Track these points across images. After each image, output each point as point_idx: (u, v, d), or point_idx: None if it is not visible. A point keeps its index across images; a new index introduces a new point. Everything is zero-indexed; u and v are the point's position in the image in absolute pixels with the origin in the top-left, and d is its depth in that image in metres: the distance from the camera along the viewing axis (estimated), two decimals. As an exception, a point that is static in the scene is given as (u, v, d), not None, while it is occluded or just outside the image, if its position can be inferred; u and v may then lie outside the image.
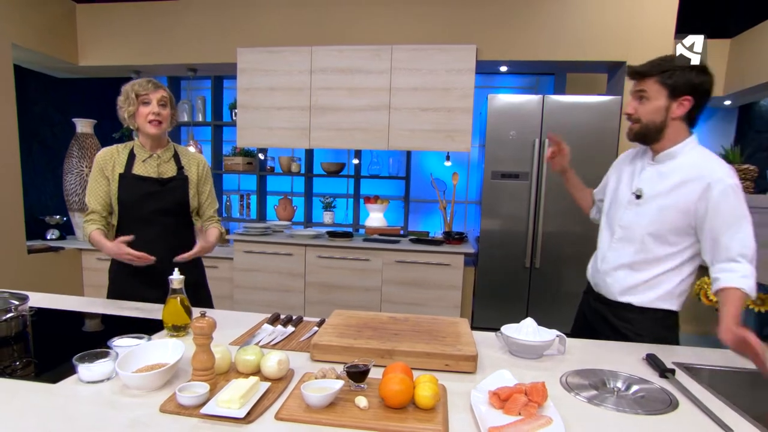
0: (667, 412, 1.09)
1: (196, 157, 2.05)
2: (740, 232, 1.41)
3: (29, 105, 4.13)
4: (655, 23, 3.37)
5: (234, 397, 0.98)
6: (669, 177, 1.52)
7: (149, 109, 1.84)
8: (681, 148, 1.52)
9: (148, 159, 1.92)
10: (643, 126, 1.53)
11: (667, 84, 1.48)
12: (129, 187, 1.89)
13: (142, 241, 1.88)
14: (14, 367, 1.26)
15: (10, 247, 3.53)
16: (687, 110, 1.49)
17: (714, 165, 1.46)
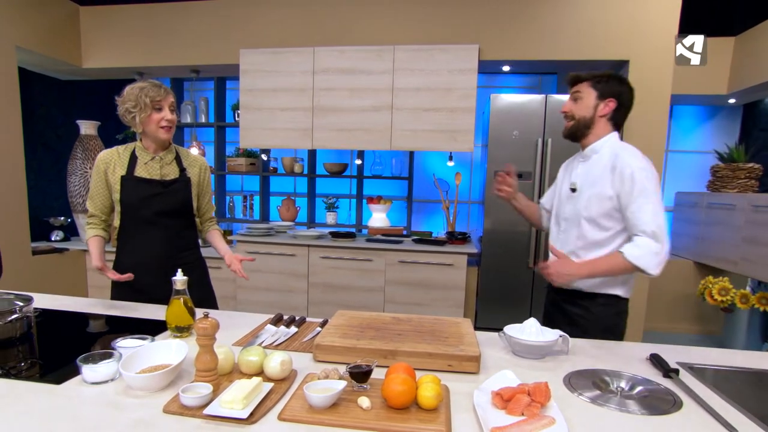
0: (671, 412, 1.09)
1: (198, 159, 2.06)
2: (642, 210, 1.57)
3: (33, 107, 4.15)
4: (658, 22, 3.36)
5: (237, 397, 0.98)
6: (594, 168, 1.72)
7: (162, 115, 1.84)
8: (603, 143, 1.73)
9: (150, 161, 1.91)
10: (575, 122, 1.76)
11: (597, 87, 1.71)
12: (131, 189, 1.88)
13: (146, 242, 1.91)
14: (19, 367, 1.26)
15: (14, 248, 3.55)
16: (611, 110, 1.72)
17: (626, 153, 1.65)
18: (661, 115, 3.44)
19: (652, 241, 1.54)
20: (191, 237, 2.04)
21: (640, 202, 1.57)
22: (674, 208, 4.69)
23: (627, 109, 1.76)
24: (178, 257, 1.94)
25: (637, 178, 1.58)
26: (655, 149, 3.47)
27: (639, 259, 1.53)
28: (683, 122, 4.61)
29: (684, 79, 3.86)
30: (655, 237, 1.54)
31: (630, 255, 1.55)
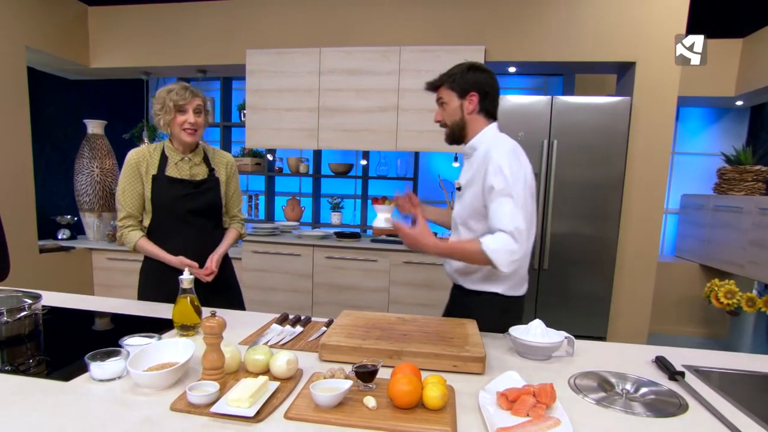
0: (676, 415, 1.09)
1: (224, 156, 2.06)
2: (502, 208, 1.52)
3: (42, 106, 4.18)
4: (666, 23, 3.34)
5: (243, 396, 0.99)
6: (473, 166, 1.68)
7: (185, 118, 1.83)
8: (480, 138, 1.69)
9: (180, 161, 1.92)
10: (450, 128, 1.72)
11: (454, 88, 1.67)
12: (163, 189, 1.89)
13: (178, 242, 1.92)
14: (27, 364, 1.28)
15: (22, 246, 3.57)
16: (476, 104, 1.67)
17: (498, 149, 1.59)
18: (668, 117, 3.43)
19: (511, 240, 1.48)
20: (219, 237, 2.04)
21: (501, 200, 1.52)
22: (680, 210, 4.67)
23: (494, 95, 1.72)
24: (207, 257, 1.93)
25: (501, 175, 1.53)
26: (662, 151, 3.46)
27: (494, 252, 1.47)
28: (690, 124, 4.59)
29: (691, 81, 3.84)
30: (513, 236, 1.48)
31: (486, 246, 1.48)
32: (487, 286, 1.70)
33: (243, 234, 2.15)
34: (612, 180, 3.39)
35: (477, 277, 1.70)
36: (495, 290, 1.69)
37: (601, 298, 3.51)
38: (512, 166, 1.54)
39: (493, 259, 1.47)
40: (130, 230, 1.91)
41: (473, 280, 1.72)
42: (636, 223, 3.54)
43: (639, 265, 3.57)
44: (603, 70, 3.88)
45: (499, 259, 1.47)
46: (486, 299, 1.70)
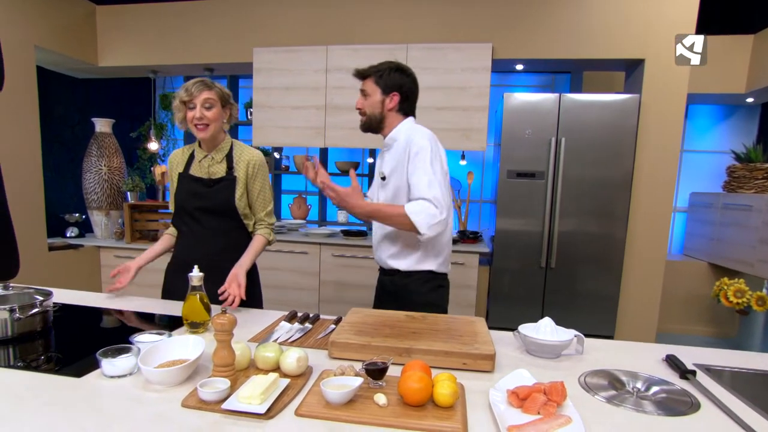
0: (688, 413, 1.08)
1: (248, 154, 1.94)
2: (420, 180, 1.68)
3: (50, 105, 4.21)
4: (676, 19, 3.31)
5: (254, 393, 0.99)
6: (395, 156, 1.82)
7: (193, 114, 1.80)
8: (398, 131, 1.84)
9: (203, 159, 1.93)
10: (368, 117, 1.85)
11: (379, 83, 1.81)
12: (182, 187, 1.93)
13: (190, 240, 1.95)
14: (39, 361, 1.28)
15: (31, 244, 3.60)
16: (396, 104, 1.83)
17: (417, 135, 1.75)
18: (677, 115, 3.40)
19: (431, 205, 1.65)
20: (239, 238, 1.96)
21: (419, 173, 1.69)
22: (689, 208, 4.64)
23: (413, 98, 1.88)
24: (222, 256, 1.89)
25: (420, 153, 1.71)
26: (671, 149, 3.43)
27: (416, 214, 1.63)
28: (699, 122, 4.56)
29: (701, 78, 3.81)
30: (432, 202, 1.65)
31: (409, 209, 1.64)
32: (421, 266, 1.85)
33: (271, 240, 2.02)
34: (620, 178, 3.37)
35: (412, 258, 1.85)
36: (429, 268, 1.86)
37: (609, 297, 3.50)
38: (430, 147, 1.72)
39: (415, 221, 1.63)
40: (169, 228, 2.05)
41: (408, 262, 1.85)
42: (644, 221, 3.52)
43: (647, 263, 3.54)
44: (611, 68, 3.85)
45: (420, 221, 1.63)
46: (420, 278, 1.86)
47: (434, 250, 1.85)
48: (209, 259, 1.82)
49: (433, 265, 1.86)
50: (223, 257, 1.89)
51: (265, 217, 2.01)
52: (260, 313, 1.78)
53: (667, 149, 3.43)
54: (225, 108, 1.89)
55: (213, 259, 1.86)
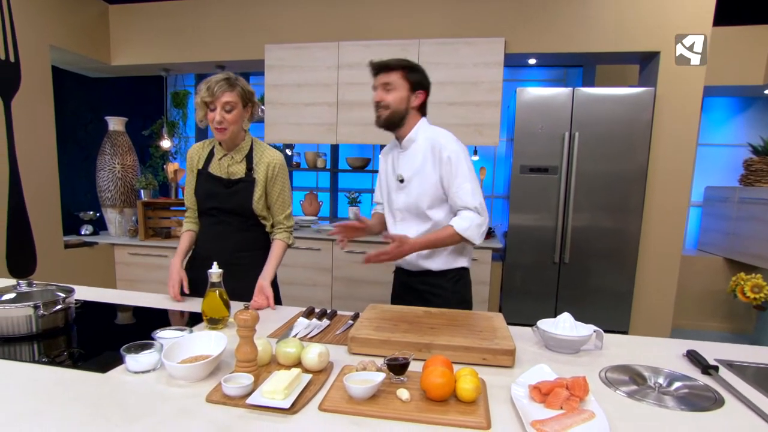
0: (712, 409, 1.07)
1: (269, 155, 1.92)
2: (462, 189, 1.72)
3: (64, 104, 4.25)
4: (693, 11, 3.26)
5: (278, 388, 1.00)
6: (416, 157, 1.81)
7: (213, 116, 1.78)
8: (417, 131, 1.82)
9: (223, 158, 1.91)
10: (391, 112, 1.78)
11: (409, 78, 1.76)
12: (202, 184, 1.93)
13: (208, 238, 1.96)
14: (63, 357, 1.30)
15: (48, 242, 3.65)
16: (421, 102, 1.81)
17: (441, 137, 1.77)
18: (694, 108, 3.35)
19: (475, 214, 1.71)
20: (256, 238, 1.98)
21: (460, 181, 1.72)
22: (703, 202, 4.59)
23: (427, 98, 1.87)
24: (239, 255, 1.91)
25: (454, 160, 1.72)
26: (687, 142, 3.39)
27: (467, 231, 1.70)
28: (714, 115, 4.50)
29: (717, 70, 3.75)
30: (477, 211, 1.71)
31: (459, 228, 1.69)
32: (453, 264, 1.87)
33: (291, 244, 2.01)
34: (634, 172, 3.34)
35: (443, 259, 1.86)
36: (462, 265, 1.89)
37: (623, 293, 3.47)
38: (460, 151, 1.75)
39: (467, 236, 1.70)
40: (186, 222, 2.03)
41: (441, 263, 1.86)
42: (659, 216, 3.48)
43: (662, 258, 3.51)
44: (625, 61, 3.81)
45: (473, 235, 1.71)
46: (451, 276, 1.88)
47: (465, 248, 1.88)
48: (227, 256, 1.80)
49: (465, 262, 1.90)
50: (241, 254, 1.93)
51: (284, 220, 1.98)
52: (278, 309, 1.79)
53: (683, 143, 3.39)
54: (246, 107, 1.86)
55: (231, 256, 1.86)
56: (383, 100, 1.78)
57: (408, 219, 1.87)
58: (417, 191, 1.81)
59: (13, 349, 1.33)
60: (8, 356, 1.28)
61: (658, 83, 3.36)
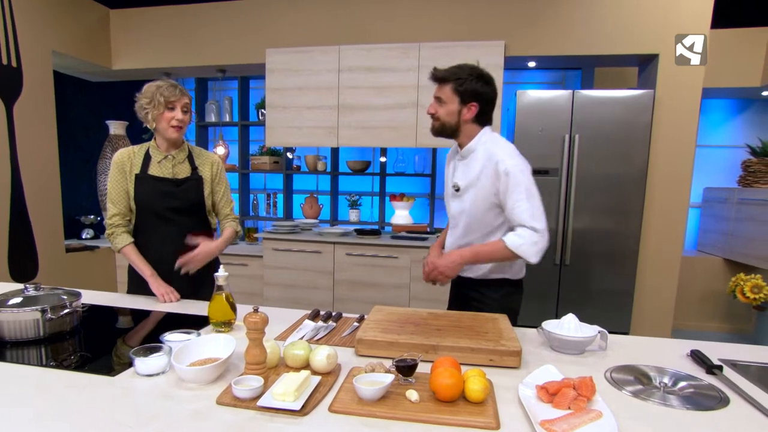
0: (717, 408, 1.08)
1: (210, 156, 2.08)
2: (518, 204, 1.66)
3: (65, 109, 4.26)
4: (691, 13, 3.28)
5: (289, 390, 1.01)
6: (473, 168, 1.77)
7: (173, 115, 1.87)
8: (476, 142, 1.78)
9: (163, 160, 1.95)
10: (440, 124, 1.78)
11: (458, 91, 1.71)
12: (145, 187, 1.93)
13: (159, 240, 1.96)
14: (71, 360, 1.31)
15: (50, 246, 3.65)
16: (474, 115, 1.74)
17: (500, 151, 1.71)
18: (693, 109, 3.37)
19: (531, 232, 1.65)
20: (206, 234, 2.04)
21: (516, 197, 1.66)
22: (702, 204, 4.61)
23: (491, 108, 1.79)
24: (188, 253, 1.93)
25: (511, 174, 1.66)
26: (686, 144, 3.41)
27: (520, 247, 1.64)
28: (712, 116, 4.52)
29: (716, 72, 3.77)
30: (533, 228, 1.65)
31: (511, 244, 1.65)
32: (495, 275, 1.85)
33: (239, 232, 2.16)
34: (634, 174, 3.36)
35: (485, 269, 1.84)
36: (505, 276, 1.87)
37: (624, 294, 3.49)
38: (520, 165, 1.69)
39: (520, 253, 1.65)
40: (119, 232, 1.95)
41: (482, 272, 1.85)
42: (659, 217, 3.50)
43: (662, 260, 3.53)
44: (624, 63, 3.83)
45: (525, 252, 1.64)
46: (494, 286, 1.87)
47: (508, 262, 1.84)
48: (177, 256, 1.88)
49: (509, 274, 1.87)
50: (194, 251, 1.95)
51: (230, 212, 2.14)
52: (283, 311, 1.79)
53: (682, 144, 3.41)
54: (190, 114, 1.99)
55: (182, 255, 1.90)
56: (435, 113, 1.78)
57: (454, 226, 1.89)
58: (471, 202, 1.79)
59: (21, 352, 1.34)
60: (17, 360, 1.29)
61: (657, 85, 3.39)
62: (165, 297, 1.88)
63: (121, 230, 1.95)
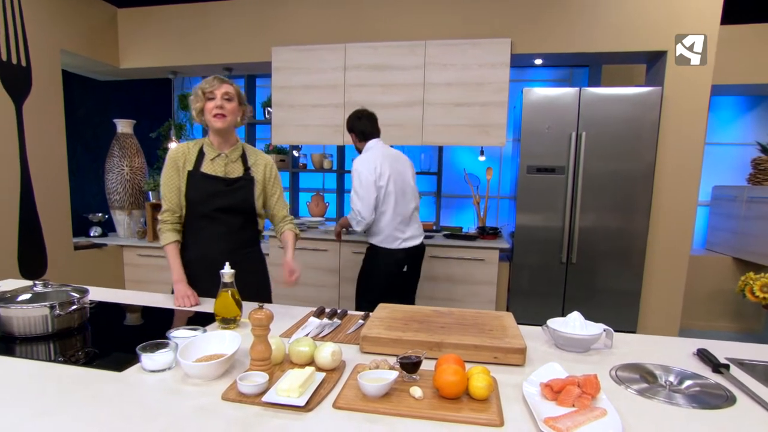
0: (724, 407, 1.08)
1: (264, 157, 2.04)
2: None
3: (73, 108, 4.29)
4: (700, 9, 3.25)
5: (293, 386, 1.01)
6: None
7: (213, 104, 1.84)
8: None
9: (216, 158, 1.92)
10: None
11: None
12: (197, 185, 1.90)
13: (206, 239, 1.94)
14: (78, 356, 1.32)
15: (59, 244, 3.69)
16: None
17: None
18: (701, 107, 3.33)
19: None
20: (251, 235, 2.05)
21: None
22: (711, 202, 4.57)
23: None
24: (237, 254, 1.84)
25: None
26: (694, 141, 3.38)
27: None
28: (722, 113, 4.48)
29: (725, 68, 3.73)
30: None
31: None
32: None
33: (299, 234, 2.16)
34: (641, 172, 3.33)
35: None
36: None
37: (631, 292, 3.47)
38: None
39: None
40: (165, 229, 1.93)
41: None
42: (667, 215, 3.48)
43: (670, 258, 3.50)
44: (632, 60, 3.80)
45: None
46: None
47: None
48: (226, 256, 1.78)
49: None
50: (241, 253, 1.92)
51: (287, 215, 2.12)
52: (289, 308, 1.80)
53: (690, 142, 3.38)
54: (240, 106, 1.93)
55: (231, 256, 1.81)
56: None
57: None
58: None
59: (29, 348, 1.36)
60: (25, 355, 1.30)
61: (666, 83, 3.36)
62: (182, 300, 1.82)
63: (168, 227, 1.94)
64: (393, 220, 2.82)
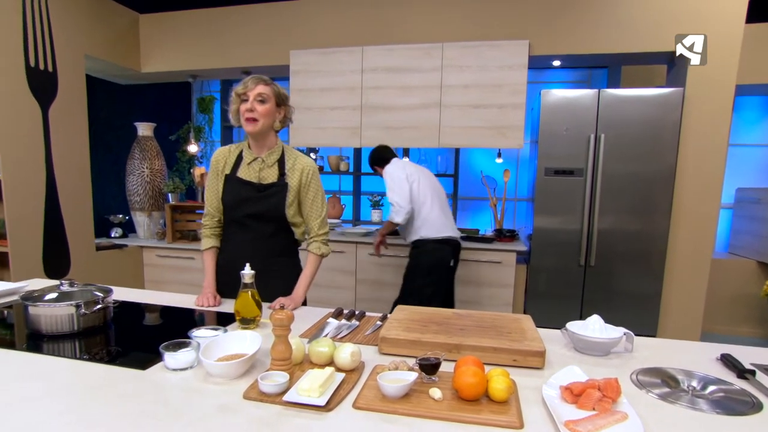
0: (750, 413, 1.06)
1: (303, 161, 1.89)
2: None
3: (96, 111, 4.38)
4: (724, 8, 3.19)
5: (314, 386, 1.02)
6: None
7: (245, 106, 1.74)
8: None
9: (252, 162, 1.86)
10: None
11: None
12: (231, 190, 1.86)
13: (235, 244, 1.91)
14: (103, 354, 1.35)
15: (81, 244, 3.76)
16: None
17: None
18: (725, 107, 3.27)
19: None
20: (284, 244, 1.94)
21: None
22: (734, 204, 4.48)
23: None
24: (267, 263, 1.82)
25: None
26: (717, 143, 3.32)
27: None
28: (746, 114, 4.39)
29: (749, 68, 3.66)
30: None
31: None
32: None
33: (325, 254, 1.96)
34: (662, 174, 3.28)
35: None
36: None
37: (651, 296, 3.42)
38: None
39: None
40: (205, 234, 1.95)
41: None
42: (689, 218, 3.42)
43: (691, 261, 3.44)
44: (652, 61, 3.75)
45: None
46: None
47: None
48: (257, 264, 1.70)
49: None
50: (270, 261, 1.87)
51: (317, 228, 1.93)
52: (307, 310, 1.82)
53: (713, 143, 3.32)
54: (279, 108, 1.83)
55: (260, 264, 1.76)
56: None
57: None
58: None
59: (56, 345, 1.39)
60: (53, 352, 1.33)
61: (687, 83, 3.30)
62: (201, 300, 1.82)
63: (207, 231, 1.94)
64: (433, 206, 3.09)
